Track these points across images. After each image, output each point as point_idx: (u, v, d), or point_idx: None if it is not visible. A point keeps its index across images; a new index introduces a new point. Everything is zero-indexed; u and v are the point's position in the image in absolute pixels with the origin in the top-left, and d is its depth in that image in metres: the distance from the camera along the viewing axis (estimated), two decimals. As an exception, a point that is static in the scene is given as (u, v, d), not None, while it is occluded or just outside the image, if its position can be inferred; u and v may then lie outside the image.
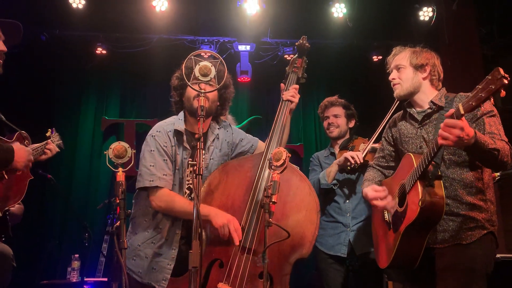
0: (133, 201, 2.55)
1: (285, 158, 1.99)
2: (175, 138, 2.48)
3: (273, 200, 1.92)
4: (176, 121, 2.53)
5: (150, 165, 2.39)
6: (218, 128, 2.64)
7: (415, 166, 2.13)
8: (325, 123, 3.35)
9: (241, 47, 5.82)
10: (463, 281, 2.07)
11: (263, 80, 6.18)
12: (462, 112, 1.80)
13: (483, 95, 1.71)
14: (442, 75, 2.41)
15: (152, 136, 2.46)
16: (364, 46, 6.08)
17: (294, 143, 6.34)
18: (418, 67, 2.36)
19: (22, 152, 2.08)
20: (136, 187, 2.44)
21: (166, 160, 2.42)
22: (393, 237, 2.27)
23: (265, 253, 1.88)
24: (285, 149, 2.03)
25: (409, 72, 2.37)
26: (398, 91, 2.41)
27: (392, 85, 2.45)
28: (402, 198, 2.25)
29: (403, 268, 2.31)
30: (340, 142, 3.30)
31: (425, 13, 5.66)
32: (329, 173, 3.10)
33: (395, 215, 2.28)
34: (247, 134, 2.79)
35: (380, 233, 2.45)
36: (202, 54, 2.29)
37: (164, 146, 2.43)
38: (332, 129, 3.28)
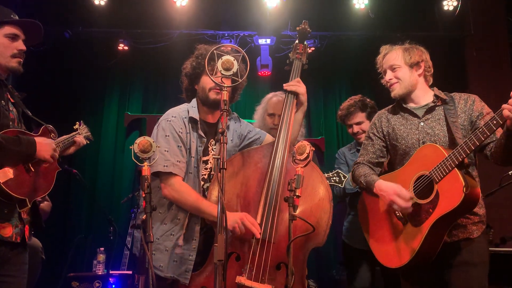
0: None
1: (309, 152, 1.97)
2: (190, 125, 2.44)
3: (297, 194, 1.91)
4: (190, 109, 2.49)
5: (165, 150, 2.33)
6: (229, 119, 2.59)
7: (446, 155, 2.08)
8: (349, 131, 3.28)
9: (262, 41, 5.79)
10: (481, 274, 2.15)
11: (284, 73, 6.13)
12: None
13: None
14: (432, 70, 2.42)
15: (168, 121, 2.41)
16: (386, 38, 5.91)
17: (315, 137, 6.29)
18: (414, 65, 2.37)
19: (44, 143, 2.10)
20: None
21: (181, 146, 2.37)
22: (413, 231, 2.18)
23: (289, 247, 1.86)
24: (308, 143, 2.01)
25: (406, 71, 2.37)
26: (397, 90, 2.39)
27: (388, 86, 2.44)
28: (426, 189, 2.17)
29: (420, 264, 2.21)
30: None
31: (449, 3, 5.53)
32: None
33: (416, 208, 2.18)
34: (254, 127, 2.76)
35: (387, 231, 2.33)
36: (223, 48, 2.26)
37: (179, 132, 2.38)
38: (360, 136, 3.19)
